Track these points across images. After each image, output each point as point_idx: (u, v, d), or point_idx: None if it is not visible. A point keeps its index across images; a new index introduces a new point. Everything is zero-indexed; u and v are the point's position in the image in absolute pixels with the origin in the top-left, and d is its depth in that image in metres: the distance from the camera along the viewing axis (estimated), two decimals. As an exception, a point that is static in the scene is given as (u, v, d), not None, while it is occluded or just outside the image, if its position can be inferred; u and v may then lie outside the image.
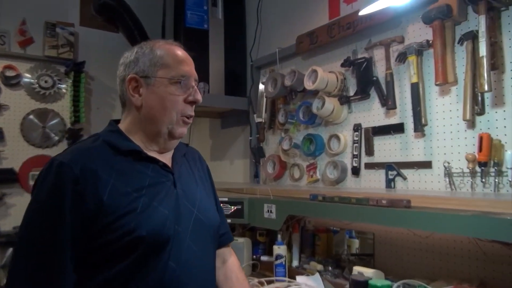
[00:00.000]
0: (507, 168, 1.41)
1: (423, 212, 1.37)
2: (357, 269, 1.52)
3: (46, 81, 2.87)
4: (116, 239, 0.90)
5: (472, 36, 1.52)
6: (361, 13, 1.24)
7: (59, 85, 2.94)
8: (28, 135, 2.82)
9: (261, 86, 2.68)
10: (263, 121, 2.62)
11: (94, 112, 3.11)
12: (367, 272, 1.47)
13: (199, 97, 1.07)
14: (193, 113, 1.08)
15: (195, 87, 1.07)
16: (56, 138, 2.89)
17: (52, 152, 2.87)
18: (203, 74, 2.68)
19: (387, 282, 1.30)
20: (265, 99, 2.63)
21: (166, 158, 1.09)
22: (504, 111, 1.46)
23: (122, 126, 1.08)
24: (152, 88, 1.03)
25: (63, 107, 2.95)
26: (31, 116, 2.84)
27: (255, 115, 2.68)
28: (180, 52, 1.09)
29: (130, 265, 0.92)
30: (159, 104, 1.03)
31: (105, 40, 3.23)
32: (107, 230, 0.90)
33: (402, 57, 1.75)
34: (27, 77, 2.85)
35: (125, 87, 1.06)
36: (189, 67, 1.08)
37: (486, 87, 1.40)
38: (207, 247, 1.10)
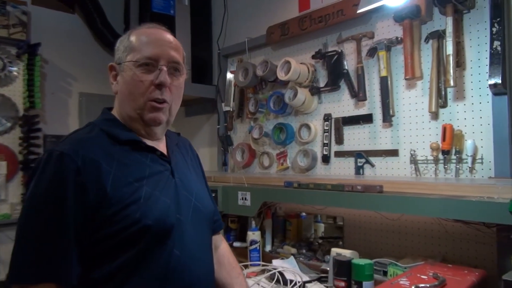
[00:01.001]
0: (467, 155, 1.57)
1: (394, 196, 1.49)
2: (335, 250, 1.62)
3: (-5, 63, 2.66)
4: (122, 229, 0.90)
5: (438, 35, 1.66)
6: (359, 11, 1.30)
7: (10, 68, 2.73)
8: (-25, 121, 2.61)
9: (229, 75, 2.70)
10: (231, 109, 2.65)
11: (49, 98, 2.94)
12: (345, 252, 1.57)
13: (163, 78, 0.99)
14: (162, 97, 1.00)
15: (163, 68, 1.00)
16: (9, 125, 2.70)
17: (3, 140, 2.68)
18: (170, 61, 2.64)
19: (369, 261, 1.41)
20: (233, 88, 2.65)
21: (160, 147, 1.09)
22: (465, 104, 1.62)
23: (115, 113, 1.07)
24: (122, 73, 1.03)
25: (14, 91, 2.75)
26: (-21, 101, 2.63)
27: (223, 104, 2.70)
28: (154, 33, 1.04)
29: (136, 254, 0.92)
30: (126, 89, 1.02)
31: (60, 21, 3.04)
32: (111, 221, 0.90)
33: (372, 52, 1.87)
34: (-27, 59, 2.63)
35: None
36: (160, 48, 1.01)
37: (452, 83, 1.55)
38: (205, 233, 1.12)
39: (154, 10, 2.58)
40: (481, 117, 1.57)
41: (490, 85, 1.46)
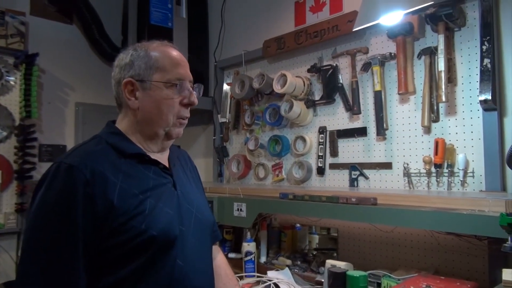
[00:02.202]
0: (459, 169, 1.61)
1: (388, 208, 1.52)
2: (329, 262, 1.64)
3: (-8, 73, 2.68)
4: (128, 240, 0.92)
5: (430, 52, 1.71)
6: (355, 29, 1.34)
7: (7, 77, 2.74)
8: (-29, 130, 2.61)
9: (225, 87, 2.74)
10: (227, 121, 2.68)
11: (46, 107, 2.95)
12: (340, 264, 1.59)
13: (195, 99, 1.09)
14: (188, 115, 1.10)
15: (191, 89, 1.09)
16: (4, 134, 2.70)
17: (-1, 148, 2.69)
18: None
19: (363, 273, 1.43)
20: (229, 99, 2.68)
21: (163, 160, 1.11)
22: (456, 119, 1.66)
23: (120, 127, 1.09)
24: (148, 92, 1.04)
25: (11, 101, 2.76)
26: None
27: (219, 115, 2.72)
28: (175, 54, 1.09)
29: (141, 265, 0.94)
30: (155, 108, 1.04)
31: (58, 32, 3.07)
32: (118, 232, 0.92)
33: (367, 67, 1.91)
34: (-30, 68, 2.64)
35: (121, 90, 1.06)
36: (184, 69, 1.09)
37: (443, 98, 1.59)
38: (206, 244, 1.15)
39: (152, 22, 2.61)
40: (472, 132, 1.62)
41: (480, 101, 1.51)
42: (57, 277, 0.87)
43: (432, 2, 1.32)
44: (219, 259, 1.32)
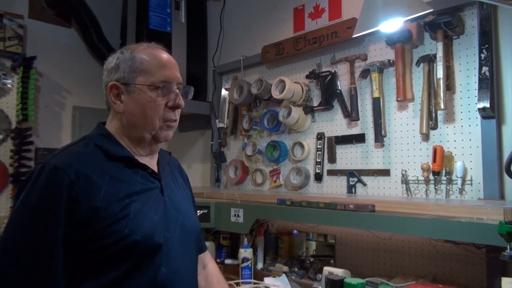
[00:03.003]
0: (457, 177, 1.61)
1: (386, 215, 1.51)
2: (327, 269, 1.63)
3: (-11, 75, 2.66)
4: (111, 244, 0.91)
5: (429, 59, 1.71)
6: (355, 35, 1.34)
7: (4, 80, 2.72)
8: (-33, 133, 2.59)
9: (224, 92, 2.73)
10: (225, 126, 2.67)
11: (42, 111, 2.93)
12: (337, 271, 1.58)
13: (181, 102, 1.06)
14: (176, 117, 1.07)
15: (177, 91, 1.05)
16: (0, 137, 2.68)
17: (-6, 151, 2.66)
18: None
19: (361, 280, 1.42)
20: (227, 105, 2.68)
21: (152, 164, 1.10)
22: (454, 126, 1.66)
23: (109, 129, 1.08)
24: (133, 95, 1.02)
25: (7, 104, 2.74)
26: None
27: (217, 120, 2.72)
28: (161, 55, 1.06)
29: (125, 270, 0.92)
30: (140, 112, 1.02)
31: (56, 35, 3.05)
32: (101, 235, 0.90)
33: (365, 74, 1.91)
34: (-33, 70, 2.62)
35: (108, 93, 1.06)
36: (170, 71, 1.05)
37: (442, 106, 1.59)
38: (192, 252, 1.13)
39: (151, 27, 2.61)
40: (470, 140, 1.62)
41: (479, 109, 1.51)
42: (34, 280, 0.85)
43: (432, 10, 1.32)
44: (211, 267, 1.32)
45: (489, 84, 1.49)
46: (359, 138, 1.97)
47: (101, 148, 1.01)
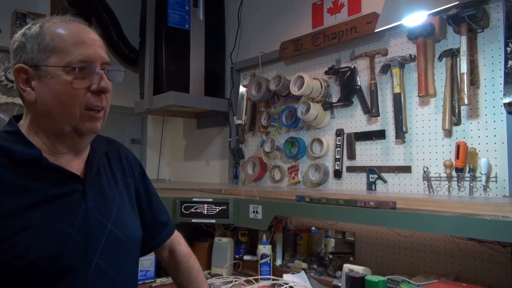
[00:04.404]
0: (481, 173, 1.57)
1: (407, 213, 1.49)
2: (347, 266, 1.61)
3: (14, 74, 2.72)
4: (3, 264, 0.76)
5: (451, 54, 1.67)
6: (377, 30, 1.32)
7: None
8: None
9: (242, 89, 2.74)
10: (243, 123, 2.67)
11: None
12: (358, 269, 1.57)
13: (106, 85, 0.88)
14: (102, 104, 0.89)
15: (101, 72, 0.88)
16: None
17: None
18: (183, 74, 2.69)
19: (383, 278, 1.40)
20: (245, 101, 2.68)
21: (79, 162, 0.94)
22: (479, 122, 1.62)
23: (23, 125, 0.90)
24: (44, 79, 0.84)
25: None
26: (-2, 113, 2.69)
27: (235, 117, 2.72)
28: (78, 29, 0.88)
29: None
30: (54, 99, 0.84)
31: (77, 34, 3.11)
32: None
33: (386, 69, 1.88)
34: (-8, 69, 2.70)
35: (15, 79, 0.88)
36: (93, 48, 0.87)
37: (466, 101, 1.55)
38: (125, 266, 0.97)
39: (169, 24, 2.63)
40: (495, 136, 1.58)
41: (504, 103, 1.47)
42: None
43: (456, 3, 1.29)
44: (179, 251, 1.21)
45: (516, 78, 1.45)
46: (379, 134, 1.95)
47: (3, 149, 0.84)
